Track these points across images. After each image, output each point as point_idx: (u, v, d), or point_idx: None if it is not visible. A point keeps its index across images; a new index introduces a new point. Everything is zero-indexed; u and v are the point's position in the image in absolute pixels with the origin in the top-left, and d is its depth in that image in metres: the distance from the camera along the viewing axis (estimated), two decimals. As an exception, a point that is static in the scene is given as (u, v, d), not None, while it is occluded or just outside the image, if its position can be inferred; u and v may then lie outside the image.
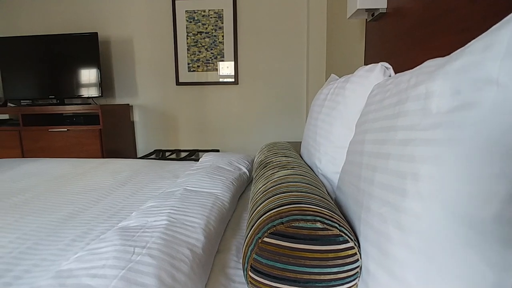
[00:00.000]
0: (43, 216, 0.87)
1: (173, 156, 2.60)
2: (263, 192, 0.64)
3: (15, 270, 0.61)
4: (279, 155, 0.94)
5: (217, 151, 2.57)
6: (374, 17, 1.22)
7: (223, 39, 2.41)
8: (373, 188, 0.46)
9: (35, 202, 0.99)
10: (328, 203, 0.55)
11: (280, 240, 0.46)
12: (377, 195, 0.44)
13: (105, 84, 2.61)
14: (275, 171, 0.77)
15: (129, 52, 2.57)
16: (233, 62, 2.43)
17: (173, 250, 0.54)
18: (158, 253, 0.51)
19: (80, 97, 2.46)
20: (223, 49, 2.42)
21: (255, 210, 0.58)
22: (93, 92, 2.43)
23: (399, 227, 0.38)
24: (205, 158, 1.31)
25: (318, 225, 0.46)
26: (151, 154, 2.51)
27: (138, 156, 2.72)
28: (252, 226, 0.52)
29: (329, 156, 0.82)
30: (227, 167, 1.16)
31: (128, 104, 2.60)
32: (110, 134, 2.33)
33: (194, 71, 2.48)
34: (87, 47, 2.39)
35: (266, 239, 0.47)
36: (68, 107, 2.28)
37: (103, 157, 2.26)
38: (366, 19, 1.34)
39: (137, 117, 2.66)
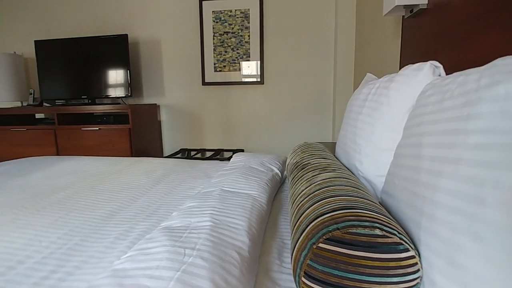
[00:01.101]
0: (86, 213, 0.90)
1: (198, 155, 2.63)
2: (308, 195, 0.62)
3: (66, 266, 0.62)
4: (316, 157, 0.92)
5: (242, 151, 2.58)
6: (412, 13, 1.17)
7: (249, 38, 2.41)
8: (438, 195, 0.43)
9: (76, 199, 1.02)
10: (380, 209, 0.53)
11: (336, 247, 0.44)
12: (445, 202, 0.41)
13: (133, 84, 2.68)
14: (316, 173, 0.76)
15: (157, 53, 2.62)
16: (258, 62, 2.42)
17: (222, 252, 0.53)
18: (208, 256, 0.51)
19: (109, 97, 2.53)
20: (249, 48, 2.42)
21: (302, 213, 0.57)
22: (122, 92, 2.49)
23: (476, 238, 0.35)
24: (236, 158, 1.31)
25: (377, 232, 0.44)
26: (177, 153, 2.55)
27: (164, 155, 2.77)
28: (303, 231, 0.51)
29: (370, 158, 0.79)
30: (260, 168, 1.15)
31: (156, 104, 2.65)
32: (138, 133, 2.38)
33: (220, 71, 2.49)
34: (117, 49, 2.46)
35: (321, 245, 0.45)
36: (99, 107, 2.35)
37: (132, 155, 2.32)
38: (403, 16, 1.29)
39: (164, 116, 2.71)
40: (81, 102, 2.72)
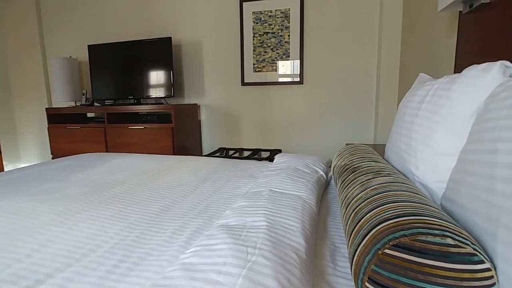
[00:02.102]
0: (142, 208, 0.96)
1: (236, 154, 2.68)
2: (365, 200, 0.62)
3: (132, 257, 0.67)
4: (367, 160, 0.90)
5: (279, 151, 2.58)
6: (472, 8, 1.10)
7: (289, 38, 2.40)
8: (520, 205, 0.41)
9: (131, 194, 1.09)
10: (447, 217, 0.51)
11: (405, 254, 0.43)
12: (529, 214, 0.39)
13: (176, 84, 2.80)
14: (370, 177, 0.74)
15: (198, 54, 2.71)
16: (298, 62, 2.41)
17: (282, 252, 0.54)
18: (270, 255, 0.52)
19: (153, 97, 2.66)
20: (288, 48, 2.41)
21: (361, 218, 0.56)
22: (165, 92, 2.61)
23: None
24: (279, 159, 1.32)
25: (449, 241, 0.43)
26: (215, 152, 2.62)
27: (203, 153, 2.86)
28: (365, 236, 0.50)
29: (429, 164, 0.76)
30: (305, 169, 1.15)
31: (196, 104, 2.75)
32: (180, 132, 2.48)
33: (259, 71, 2.52)
34: (161, 51, 2.58)
35: (387, 251, 0.45)
36: (144, 107, 2.49)
37: (173, 153, 2.43)
38: (460, 11, 1.22)
39: (203, 116, 2.79)
40: (127, 102, 2.88)
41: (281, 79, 2.48)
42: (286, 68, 2.45)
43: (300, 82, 2.43)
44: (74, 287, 0.56)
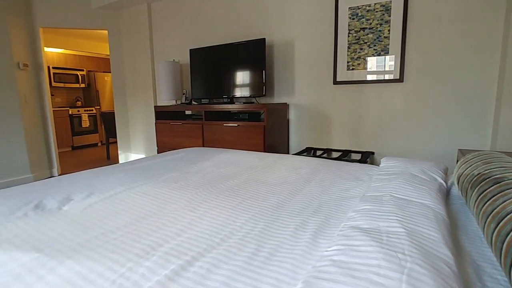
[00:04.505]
0: (258, 202, 1.03)
1: (325, 155, 2.64)
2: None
3: (265, 247, 0.73)
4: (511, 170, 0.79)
5: (372, 153, 2.45)
6: None
7: (388, 33, 2.25)
8: None
9: (244, 188, 1.18)
10: None
11: None
12: None
13: (266, 84, 2.89)
14: (526, 190, 0.65)
15: (289, 54, 2.75)
16: (398, 58, 2.24)
17: (433, 263, 0.52)
18: (424, 264, 0.50)
19: (245, 96, 2.81)
20: (388, 44, 2.26)
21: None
22: (257, 92, 2.73)
23: None
24: (388, 163, 1.25)
25: None
26: (303, 151, 2.63)
27: (290, 152, 2.90)
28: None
29: None
30: (422, 176, 1.07)
31: (286, 103, 2.80)
32: (271, 130, 2.57)
33: (353, 69, 2.43)
34: (255, 52, 2.70)
35: None
36: (237, 105, 2.64)
37: (264, 150, 2.52)
38: None
39: (292, 115, 2.83)
40: (221, 101, 3.11)
41: (377, 77, 2.34)
42: (384, 65, 2.30)
43: (400, 80, 2.26)
44: (225, 267, 0.64)
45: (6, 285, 0.58)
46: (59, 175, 3.98)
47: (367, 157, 2.31)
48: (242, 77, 2.83)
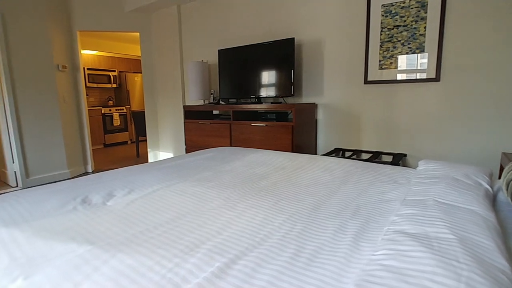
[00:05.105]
0: (293, 203, 1.03)
1: (354, 156, 2.59)
2: None
3: (306, 249, 0.73)
4: None
5: (404, 155, 2.37)
6: None
7: (424, 30, 2.17)
8: None
9: (278, 188, 1.18)
10: None
11: None
12: None
13: (294, 84, 2.88)
14: None
15: (318, 53, 2.72)
16: (435, 56, 2.15)
17: (491, 272, 0.50)
18: (482, 273, 0.49)
19: (271, 96, 2.81)
20: (423, 42, 2.18)
21: None
22: (285, 91, 2.72)
23: None
24: (428, 166, 1.21)
25: None
26: (331, 152, 2.60)
27: (318, 153, 2.87)
28: None
29: None
30: (466, 181, 1.03)
31: (314, 103, 2.77)
32: (299, 130, 2.55)
33: (385, 68, 2.36)
34: (283, 52, 2.69)
35: None
36: (265, 105, 2.65)
37: (292, 150, 2.51)
38: None
39: (320, 115, 2.80)
40: (248, 101, 3.13)
41: (410, 76, 2.26)
42: (417, 64, 2.22)
43: (436, 79, 2.17)
44: (269, 267, 0.65)
45: (67, 274, 0.62)
46: (92, 171, 4.18)
47: (399, 159, 2.24)
48: (270, 77, 2.84)
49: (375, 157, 2.39)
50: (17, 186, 3.45)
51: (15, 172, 3.42)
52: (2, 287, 0.60)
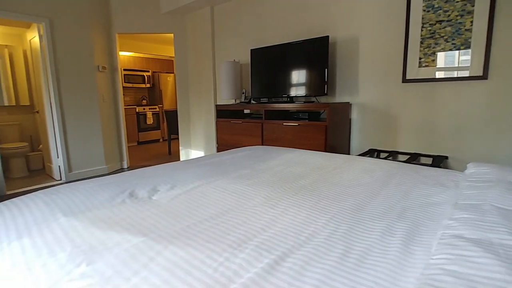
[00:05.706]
0: (335, 203, 1.01)
1: (390, 158, 2.51)
2: None
3: (354, 249, 0.72)
4: None
5: (445, 158, 2.26)
6: None
7: (471, 25, 2.04)
8: None
9: (318, 188, 1.17)
10: None
11: None
12: None
13: (328, 83, 2.83)
14: None
15: (353, 51, 2.66)
16: (482, 53, 2.02)
17: None
18: (560, 284, 0.45)
19: (305, 96, 2.78)
20: (469, 37, 2.06)
21: None
22: (318, 91, 2.69)
23: None
24: (479, 169, 1.15)
25: None
26: (366, 153, 2.53)
27: (351, 153, 2.81)
28: None
29: None
30: (525, 184, 0.95)
31: (349, 103, 2.71)
32: (332, 130, 2.51)
33: (426, 66, 2.26)
34: (317, 50, 2.66)
35: None
36: (297, 105, 2.63)
37: (325, 150, 2.48)
38: None
39: (354, 115, 2.73)
40: (279, 100, 3.12)
41: (454, 74, 2.14)
42: (460, 61, 2.10)
43: (483, 77, 2.04)
44: (318, 266, 0.64)
45: (125, 262, 0.65)
46: (128, 167, 4.38)
47: (440, 162, 2.13)
48: (302, 76, 2.81)
49: (413, 159, 2.30)
50: (60, 179, 3.70)
51: (59, 166, 3.67)
52: (68, 272, 0.64)
